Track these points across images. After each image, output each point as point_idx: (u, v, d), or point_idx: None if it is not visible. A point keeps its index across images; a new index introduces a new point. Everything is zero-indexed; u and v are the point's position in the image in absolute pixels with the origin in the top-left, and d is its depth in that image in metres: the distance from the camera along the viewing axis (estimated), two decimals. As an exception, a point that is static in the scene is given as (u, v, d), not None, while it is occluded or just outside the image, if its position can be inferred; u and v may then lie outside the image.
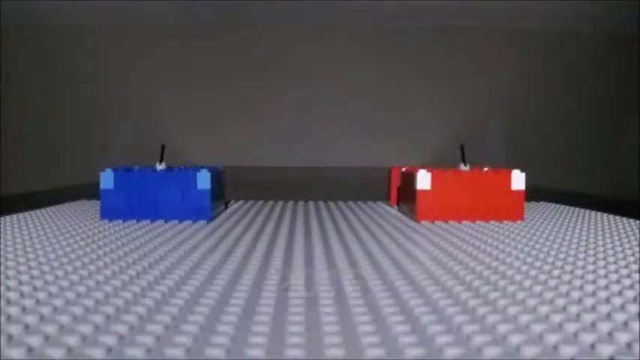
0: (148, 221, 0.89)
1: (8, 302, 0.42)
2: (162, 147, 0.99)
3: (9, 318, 0.38)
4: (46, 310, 0.40)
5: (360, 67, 2.67)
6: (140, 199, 0.90)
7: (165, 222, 0.88)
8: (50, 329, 0.36)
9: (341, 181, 2.27)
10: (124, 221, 0.88)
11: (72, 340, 0.34)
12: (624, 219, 0.93)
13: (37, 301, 0.42)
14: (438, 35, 2.65)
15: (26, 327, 0.36)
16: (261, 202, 1.20)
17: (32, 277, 0.50)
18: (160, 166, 0.97)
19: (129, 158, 1.20)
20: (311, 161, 2.60)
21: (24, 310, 0.40)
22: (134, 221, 0.88)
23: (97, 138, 2.56)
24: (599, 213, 1.02)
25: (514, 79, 2.59)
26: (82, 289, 0.46)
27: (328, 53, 2.66)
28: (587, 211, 1.05)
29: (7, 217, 0.91)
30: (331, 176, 2.40)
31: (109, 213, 0.89)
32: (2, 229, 0.77)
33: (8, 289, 0.46)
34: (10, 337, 0.34)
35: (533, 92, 2.61)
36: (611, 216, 0.97)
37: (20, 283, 0.48)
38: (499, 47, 2.64)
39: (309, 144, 2.66)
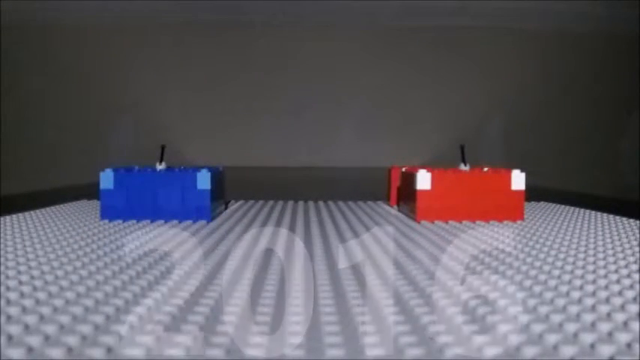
0: (148, 221, 0.89)
1: (8, 302, 0.42)
2: (162, 147, 0.99)
3: (9, 318, 0.38)
4: (46, 310, 0.40)
5: (360, 66, 2.67)
6: (140, 199, 0.90)
7: (165, 222, 0.88)
8: (50, 329, 0.36)
9: (341, 181, 2.27)
10: (124, 221, 0.88)
11: (72, 340, 0.34)
12: (624, 219, 0.93)
13: (37, 301, 0.42)
14: (437, 35, 2.65)
15: (26, 327, 0.36)
16: (261, 202, 1.20)
17: (32, 277, 0.50)
18: (160, 166, 0.97)
19: (128, 158, 1.19)
20: (311, 161, 2.60)
21: (24, 310, 0.40)
22: (134, 221, 0.88)
23: (96, 138, 2.56)
24: (599, 213, 1.02)
25: (514, 79, 2.59)
26: (81, 289, 0.46)
27: (328, 53, 2.66)
28: (587, 211, 1.05)
29: (7, 217, 0.91)
30: (331, 176, 2.40)
31: (109, 213, 0.89)
32: (2, 229, 0.77)
33: (8, 289, 0.46)
34: (10, 337, 0.34)
35: (533, 92, 2.60)
36: (611, 216, 0.97)
37: (20, 283, 0.48)
38: (499, 47, 2.64)
39: (309, 144, 2.66)
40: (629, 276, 0.52)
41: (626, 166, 2.49)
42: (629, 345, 0.34)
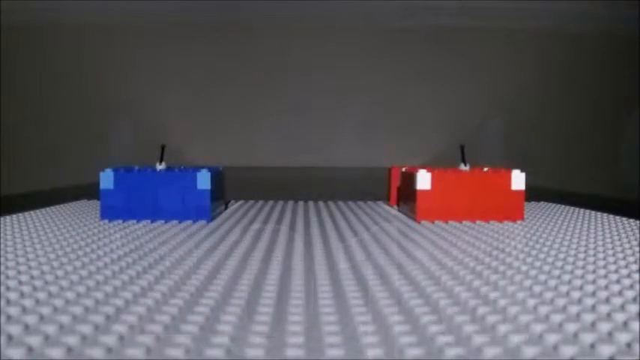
0: (148, 221, 0.89)
1: (8, 302, 0.42)
2: (162, 147, 0.99)
3: (9, 318, 0.38)
4: (46, 310, 0.40)
5: (360, 66, 2.67)
6: (140, 199, 0.90)
7: (166, 222, 0.88)
8: (50, 329, 0.36)
9: (341, 181, 2.27)
10: (124, 221, 0.88)
11: (72, 340, 0.34)
12: (624, 219, 0.93)
13: (37, 301, 0.42)
14: (438, 35, 2.65)
15: (26, 327, 0.36)
16: (261, 202, 1.20)
17: (32, 277, 0.50)
18: (160, 166, 0.97)
19: (128, 158, 1.19)
20: (311, 161, 2.60)
21: (24, 310, 0.40)
22: (134, 221, 0.88)
23: (96, 138, 2.56)
24: (599, 213, 1.02)
25: (514, 79, 2.60)
26: (82, 289, 0.46)
27: (328, 53, 2.67)
28: (588, 211, 1.05)
29: (7, 217, 0.91)
30: (331, 176, 2.40)
31: (109, 213, 0.89)
32: (2, 230, 0.77)
33: (8, 289, 0.46)
34: (10, 337, 0.34)
35: (533, 92, 2.61)
36: (611, 216, 0.97)
37: (20, 283, 0.48)
38: (499, 47, 2.64)
39: (309, 144, 2.66)
40: (629, 276, 0.52)
41: (626, 165, 2.50)
42: (629, 345, 0.34)
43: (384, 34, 2.67)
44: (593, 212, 1.03)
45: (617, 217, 0.95)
